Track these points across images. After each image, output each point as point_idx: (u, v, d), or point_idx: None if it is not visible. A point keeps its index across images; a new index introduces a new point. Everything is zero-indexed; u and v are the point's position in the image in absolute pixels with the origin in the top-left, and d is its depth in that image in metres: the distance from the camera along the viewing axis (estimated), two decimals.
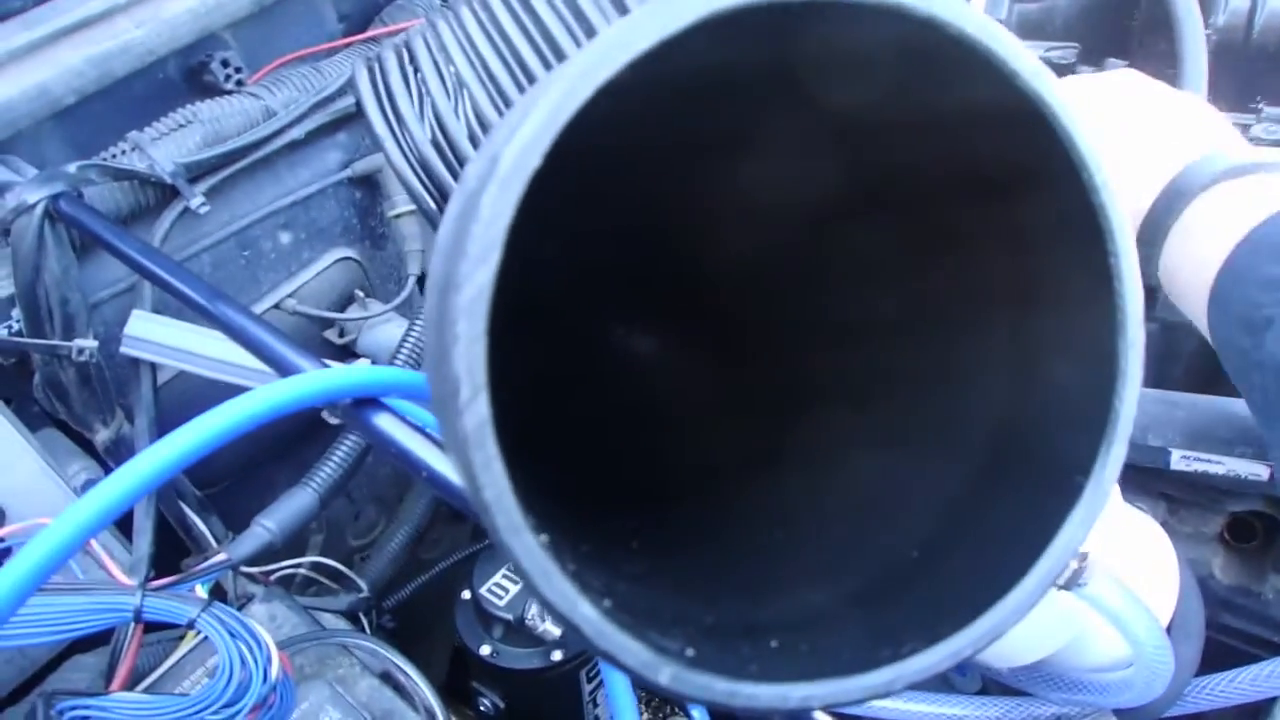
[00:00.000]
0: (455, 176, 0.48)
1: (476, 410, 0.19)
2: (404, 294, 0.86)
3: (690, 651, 0.23)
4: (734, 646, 0.24)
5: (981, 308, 0.31)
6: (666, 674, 0.21)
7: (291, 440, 0.89)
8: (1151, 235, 0.46)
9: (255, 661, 0.52)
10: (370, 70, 0.49)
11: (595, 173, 0.29)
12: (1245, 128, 0.81)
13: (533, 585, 0.20)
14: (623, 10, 0.47)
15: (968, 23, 0.22)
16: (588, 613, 0.21)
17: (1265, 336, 0.38)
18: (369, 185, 0.86)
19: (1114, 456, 0.25)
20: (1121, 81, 0.55)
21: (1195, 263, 0.44)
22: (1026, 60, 0.22)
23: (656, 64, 0.21)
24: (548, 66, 0.47)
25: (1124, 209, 0.23)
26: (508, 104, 0.47)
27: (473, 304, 0.19)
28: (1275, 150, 0.47)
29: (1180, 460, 0.70)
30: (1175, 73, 0.77)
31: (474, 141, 0.48)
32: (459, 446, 0.20)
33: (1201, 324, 0.45)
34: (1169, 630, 0.49)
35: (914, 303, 0.34)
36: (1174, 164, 0.46)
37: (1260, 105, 0.85)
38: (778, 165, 0.32)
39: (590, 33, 0.46)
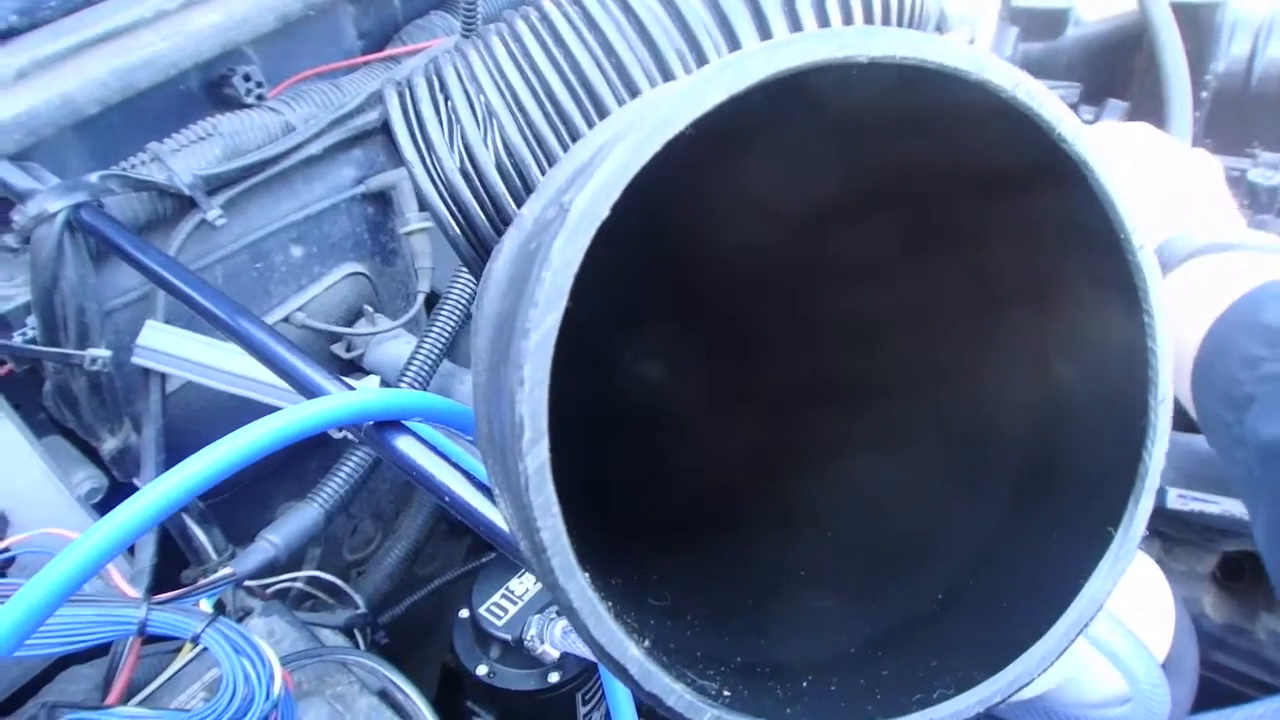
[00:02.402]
0: (482, 204, 0.48)
1: (538, 454, 0.20)
2: (413, 310, 0.86)
3: (728, 693, 0.23)
4: (768, 687, 0.25)
5: (1021, 359, 0.32)
6: (709, 716, 0.22)
7: (293, 453, 0.89)
8: None
9: (259, 678, 0.52)
10: (401, 95, 0.50)
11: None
12: (1242, 172, 0.83)
13: (583, 627, 0.21)
14: (651, 45, 0.48)
15: (1018, 88, 0.22)
16: (635, 654, 0.21)
17: (1246, 413, 0.39)
18: (382, 201, 0.87)
19: (1141, 510, 0.25)
20: (1131, 137, 0.56)
21: (1174, 336, 0.45)
22: (1071, 124, 0.23)
23: (714, 119, 0.21)
24: (576, 99, 0.48)
25: (1159, 270, 0.24)
26: (536, 135, 0.48)
27: (539, 349, 0.20)
28: (1253, 232, 0.49)
29: (1176, 499, 0.71)
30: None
31: (501, 170, 0.48)
32: (517, 489, 0.20)
33: (1183, 394, 0.46)
34: (1164, 668, 0.50)
35: (958, 350, 0.34)
36: (1157, 236, 0.48)
37: (1256, 150, 0.86)
38: (788, 162, 0.32)
39: (619, 67, 0.47)
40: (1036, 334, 0.31)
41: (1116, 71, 1.06)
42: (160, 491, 0.35)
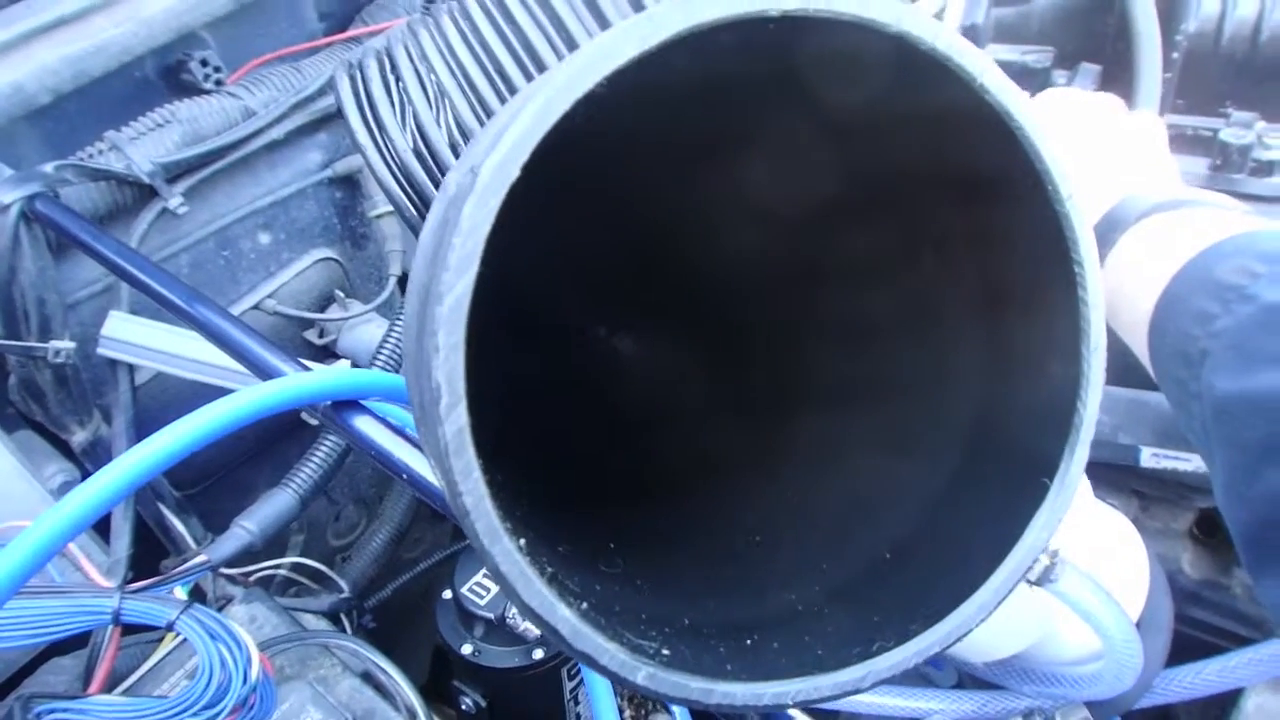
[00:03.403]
0: (436, 184, 0.48)
1: (456, 419, 0.20)
2: (384, 294, 0.85)
3: (666, 651, 0.23)
4: (710, 646, 0.25)
5: (955, 314, 0.32)
6: (643, 674, 0.22)
7: (271, 441, 0.89)
8: None
9: (235, 663, 0.52)
10: (352, 77, 0.49)
11: (588, 180, 0.30)
12: (1214, 131, 0.83)
13: (511, 590, 0.21)
14: (602, 21, 0.47)
15: (938, 40, 0.22)
16: (565, 615, 0.21)
17: (1201, 369, 0.39)
18: (349, 185, 0.86)
19: (1078, 458, 0.25)
20: (1084, 103, 0.56)
21: (1131, 294, 0.45)
22: (994, 76, 0.23)
23: (637, 76, 0.21)
24: (528, 76, 0.47)
25: (1088, 220, 0.24)
26: (488, 113, 0.47)
27: (452, 314, 0.19)
28: (1204, 191, 0.49)
29: (1150, 458, 0.72)
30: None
31: (455, 150, 0.48)
32: (439, 454, 0.20)
33: (1141, 352, 0.46)
34: (1138, 624, 0.50)
35: (890, 307, 0.34)
36: (1113, 196, 0.48)
37: (1228, 110, 0.86)
38: (767, 170, 0.32)
39: (571, 43, 0.46)
40: (981, 289, 0.31)
41: (1089, 35, 1.05)
42: (112, 475, 0.35)
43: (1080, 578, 0.46)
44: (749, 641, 0.26)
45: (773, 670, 0.24)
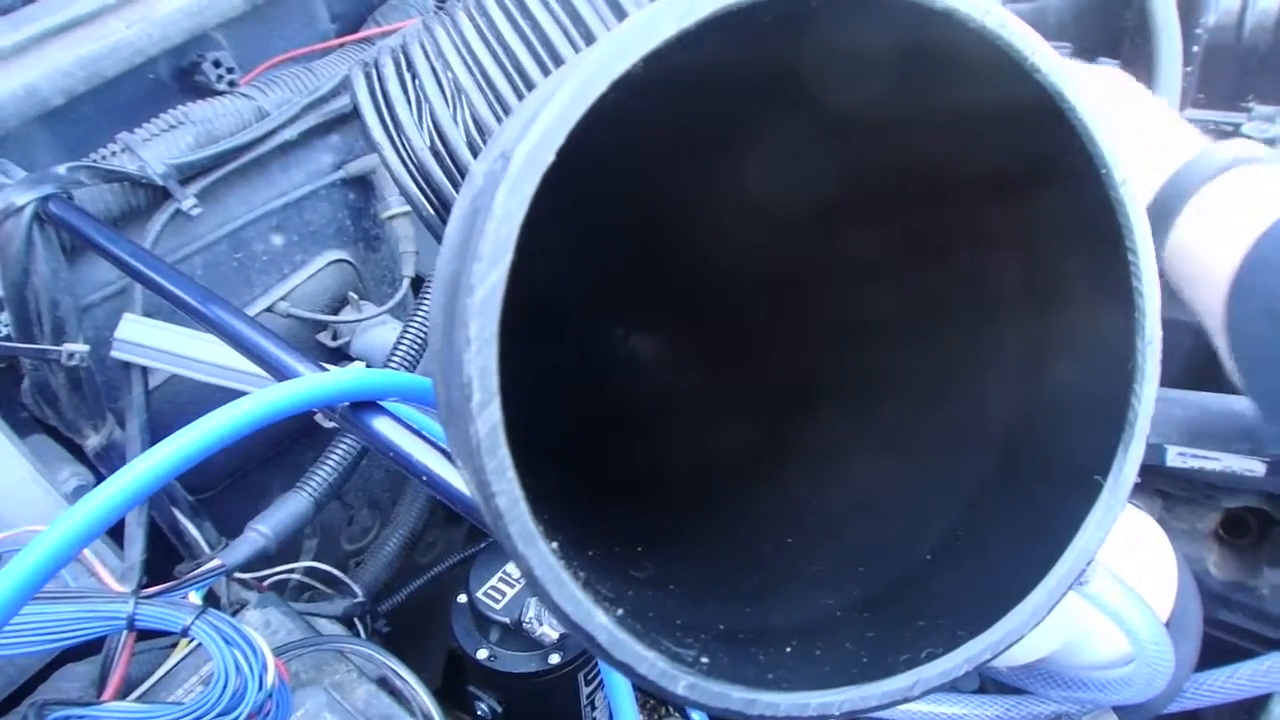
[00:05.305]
0: (454, 184, 0.47)
1: (489, 416, 0.19)
2: (398, 296, 0.85)
3: (705, 660, 0.22)
4: (749, 654, 0.24)
5: (991, 307, 0.31)
6: (684, 684, 0.21)
7: (285, 443, 0.88)
8: (1155, 225, 0.46)
9: (251, 668, 0.51)
10: (368, 77, 0.49)
11: (602, 170, 0.29)
12: (1236, 126, 0.82)
13: (547, 595, 0.20)
14: (618, 11, 0.47)
15: (988, 16, 0.21)
16: (603, 622, 0.20)
17: None
18: (362, 186, 0.86)
19: (1132, 455, 0.24)
20: (1107, 77, 0.55)
21: (1208, 253, 0.44)
22: (1046, 55, 0.22)
23: (671, 59, 0.20)
24: (546, 73, 0.46)
25: (1143, 205, 0.23)
26: (506, 111, 0.47)
27: (485, 305, 0.19)
28: (1263, 146, 0.48)
29: (1176, 457, 0.70)
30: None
31: (472, 148, 0.47)
32: (470, 453, 0.19)
33: (1206, 312, 0.45)
34: (1167, 627, 0.49)
35: (922, 302, 0.33)
36: (1174, 157, 0.47)
37: (1251, 104, 0.85)
38: (786, 164, 0.32)
39: (589, 38, 0.45)
40: (1020, 284, 0.30)
41: (1106, 30, 1.04)
42: (127, 480, 0.35)
43: (1111, 580, 0.45)
44: (789, 649, 0.25)
45: (816, 679, 0.23)
